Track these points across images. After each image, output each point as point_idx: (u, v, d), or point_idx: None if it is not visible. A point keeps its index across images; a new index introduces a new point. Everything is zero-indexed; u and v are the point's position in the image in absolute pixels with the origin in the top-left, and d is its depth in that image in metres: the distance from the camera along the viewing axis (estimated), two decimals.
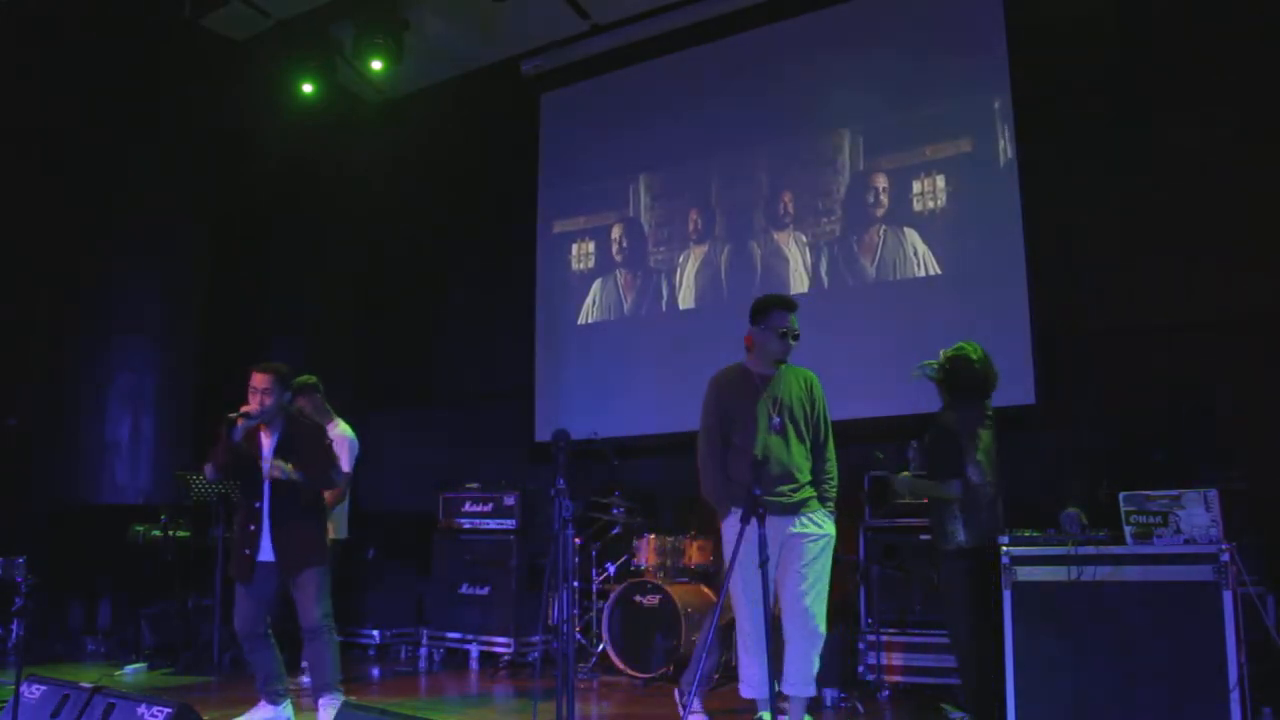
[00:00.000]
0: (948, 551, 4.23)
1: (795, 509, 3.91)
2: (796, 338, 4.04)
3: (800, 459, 3.98)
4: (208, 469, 4.33)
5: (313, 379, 5.54)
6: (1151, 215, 5.70)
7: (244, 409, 4.26)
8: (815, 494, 3.98)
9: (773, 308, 4.05)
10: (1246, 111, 5.49)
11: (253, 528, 4.30)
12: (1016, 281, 6.04)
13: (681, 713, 4.00)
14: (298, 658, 5.02)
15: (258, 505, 4.32)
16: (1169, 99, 5.74)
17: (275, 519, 4.29)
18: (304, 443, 4.37)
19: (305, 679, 4.81)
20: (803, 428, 4.02)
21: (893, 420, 5.98)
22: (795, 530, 3.90)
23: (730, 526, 3.86)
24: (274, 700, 4.31)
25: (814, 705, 4.87)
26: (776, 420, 3.96)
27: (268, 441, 4.37)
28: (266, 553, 4.27)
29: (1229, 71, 5.57)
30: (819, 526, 3.94)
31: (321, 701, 4.28)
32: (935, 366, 4.38)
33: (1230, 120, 5.51)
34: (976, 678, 4.14)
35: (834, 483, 4.05)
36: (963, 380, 4.30)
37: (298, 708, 4.51)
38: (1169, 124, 5.70)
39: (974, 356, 4.31)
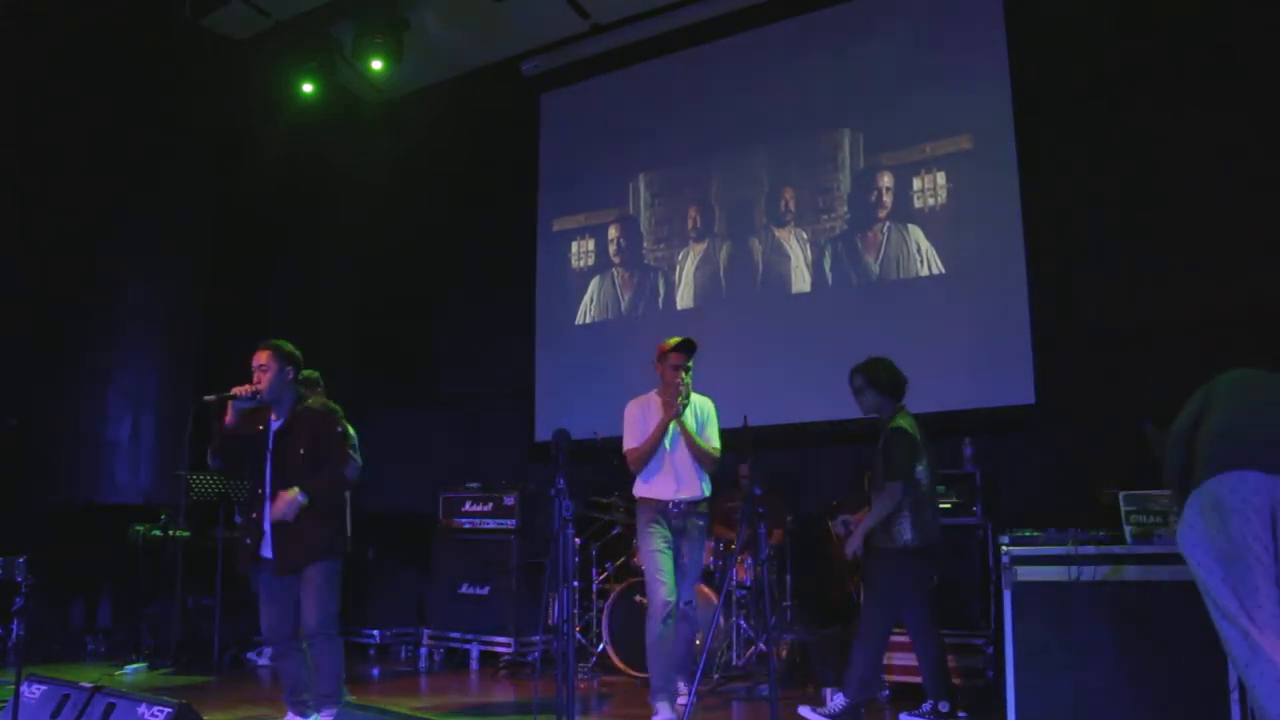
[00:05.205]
0: (890, 550, 4.35)
1: None
2: None
3: None
4: (209, 455, 4.06)
5: (314, 373, 5.52)
6: (1152, 214, 5.69)
7: (235, 389, 3.98)
8: None
9: None
10: (1248, 110, 5.47)
11: (255, 515, 4.05)
12: (1016, 280, 6.04)
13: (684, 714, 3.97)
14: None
15: (260, 491, 4.05)
16: (1170, 97, 5.73)
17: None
18: (309, 428, 4.07)
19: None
20: None
21: None
22: None
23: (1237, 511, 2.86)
24: (301, 712, 4.04)
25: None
26: None
27: (275, 424, 4.09)
28: (270, 546, 3.99)
29: (1230, 70, 5.56)
30: None
31: (324, 713, 4.01)
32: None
33: (1231, 119, 5.50)
34: (867, 666, 4.29)
35: None
36: (896, 386, 4.54)
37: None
38: (1169, 122, 5.69)
39: (888, 361, 4.58)
